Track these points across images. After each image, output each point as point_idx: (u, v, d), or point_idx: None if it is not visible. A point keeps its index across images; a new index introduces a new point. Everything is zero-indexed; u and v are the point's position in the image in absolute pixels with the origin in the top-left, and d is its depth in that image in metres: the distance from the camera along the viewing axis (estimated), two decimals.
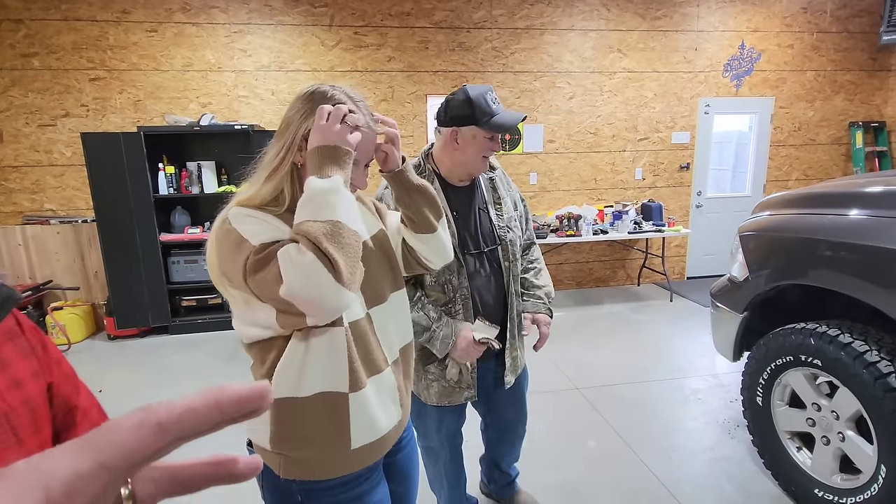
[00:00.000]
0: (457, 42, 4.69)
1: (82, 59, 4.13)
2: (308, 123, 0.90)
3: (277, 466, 0.94)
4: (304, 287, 0.78)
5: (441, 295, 1.46)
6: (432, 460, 1.78)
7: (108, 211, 3.91)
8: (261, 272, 0.80)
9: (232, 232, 0.85)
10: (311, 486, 0.95)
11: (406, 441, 1.15)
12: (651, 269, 5.33)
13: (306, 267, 0.77)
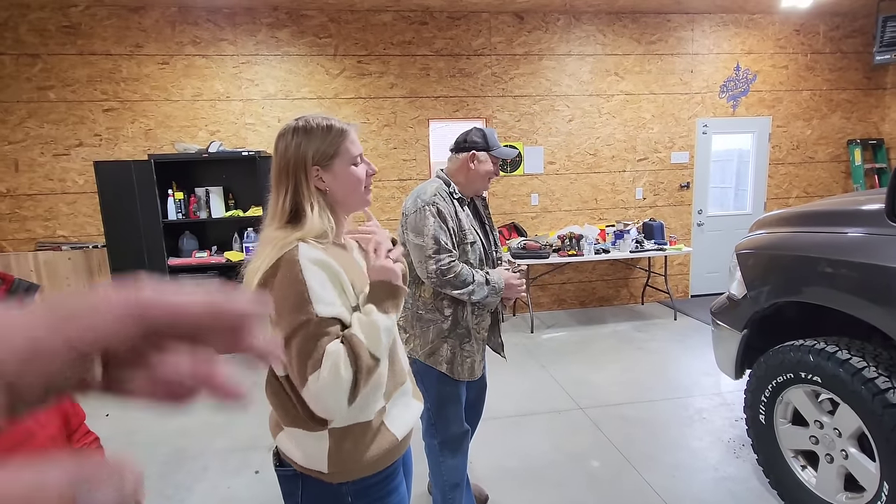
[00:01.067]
0: (457, 68, 4.83)
1: (96, 91, 4.29)
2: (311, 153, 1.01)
3: (329, 476, 1.00)
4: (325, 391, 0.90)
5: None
6: (450, 452, 1.84)
7: (119, 236, 4.00)
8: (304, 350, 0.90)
9: (299, 280, 0.92)
10: (360, 484, 1.02)
11: None
12: (654, 287, 5.33)
13: (340, 383, 0.90)
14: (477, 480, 2.35)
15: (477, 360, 1.84)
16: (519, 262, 1.82)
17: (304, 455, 1.01)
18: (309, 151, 1.01)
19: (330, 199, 1.04)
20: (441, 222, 1.68)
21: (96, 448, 0.80)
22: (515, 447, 2.66)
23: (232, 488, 2.39)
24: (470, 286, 1.68)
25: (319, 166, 1.02)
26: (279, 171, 1.02)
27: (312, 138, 1.02)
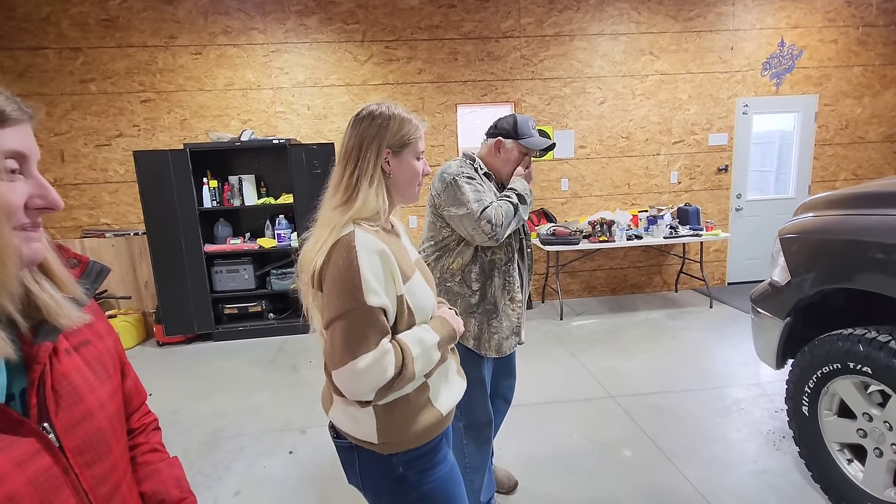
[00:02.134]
0: (485, 52, 4.74)
1: (134, 83, 4.41)
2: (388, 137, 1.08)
3: (382, 447, 1.06)
4: (362, 378, 0.95)
5: (504, 256, 1.80)
6: (473, 435, 1.85)
7: (158, 224, 4.14)
8: (349, 334, 0.95)
9: (353, 266, 0.96)
10: (409, 455, 1.07)
11: None
12: (689, 274, 5.17)
13: (379, 379, 0.95)
14: (506, 467, 2.35)
15: (504, 336, 1.83)
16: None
17: (355, 427, 1.06)
18: (387, 134, 1.07)
19: (389, 184, 1.10)
20: (476, 185, 1.69)
21: (154, 430, 0.83)
22: (545, 435, 2.65)
23: (267, 468, 2.47)
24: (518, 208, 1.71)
25: (391, 150, 1.08)
26: (353, 146, 1.07)
27: (393, 123, 1.08)
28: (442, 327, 1.11)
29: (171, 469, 0.80)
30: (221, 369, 3.77)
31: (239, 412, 3.07)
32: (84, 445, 0.59)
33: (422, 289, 1.10)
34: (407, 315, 1.05)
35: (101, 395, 0.63)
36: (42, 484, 0.52)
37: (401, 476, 1.07)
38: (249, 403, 3.17)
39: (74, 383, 0.60)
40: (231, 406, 3.15)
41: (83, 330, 0.63)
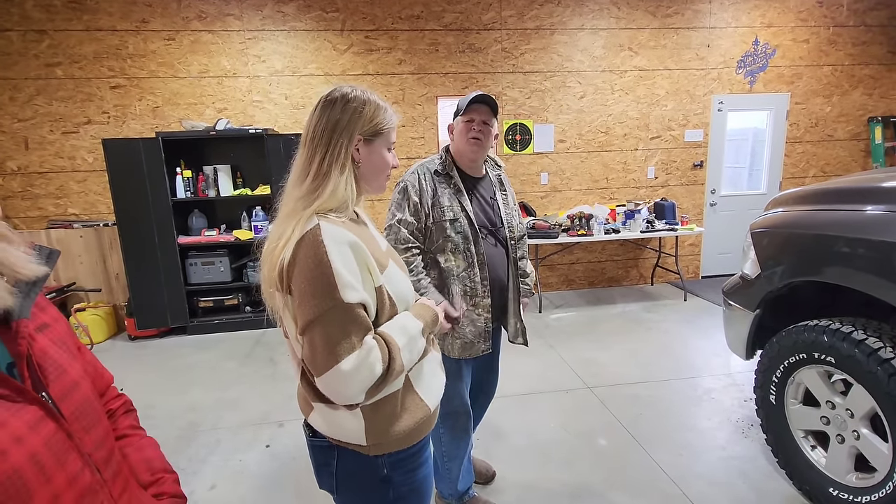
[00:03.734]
0: (466, 44, 4.72)
1: (103, 68, 4.26)
2: (361, 123, 1.02)
3: (367, 448, 1.02)
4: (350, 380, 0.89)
5: (462, 262, 1.76)
6: (450, 425, 1.86)
7: (129, 214, 4.02)
8: (331, 336, 0.89)
9: (324, 262, 0.89)
10: (396, 456, 1.04)
11: None
12: (664, 268, 5.28)
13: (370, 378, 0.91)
14: (485, 457, 2.38)
15: (469, 340, 1.78)
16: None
17: (341, 430, 1.01)
18: (360, 121, 1.01)
19: (357, 173, 1.04)
20: (408, 200, 1.71)
21: (124, 413, 0.83)
22: (523, 425, 2.68)
23: (244, 461, 2.44)
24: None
25: (363, 138, 1.03)
26: (324, 130, 1.00)
27: (368, 109, 1.02)
28: (424, 312, 1.08)
29: (140, 452, 0.80)
30: (197, 363, 3.70)
31: (215, 406, 3.02)
32: (79, 412, 0.62)
33: (398, 276, 1.07)
34: (389, 306, 1.00)
35: (77, 370, 0.66)
36: (54, 446, 0.56)
37: (385, 477, 1.03)
38: (226, 397, 3.12)
39: (54, 357, 0.63)
40: (207, 400, 3.10)
41: (39, 315, 0.64)
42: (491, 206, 1.85)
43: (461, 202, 1.75)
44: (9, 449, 0.51)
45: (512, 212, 1.91)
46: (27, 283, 0.57)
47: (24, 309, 0.58)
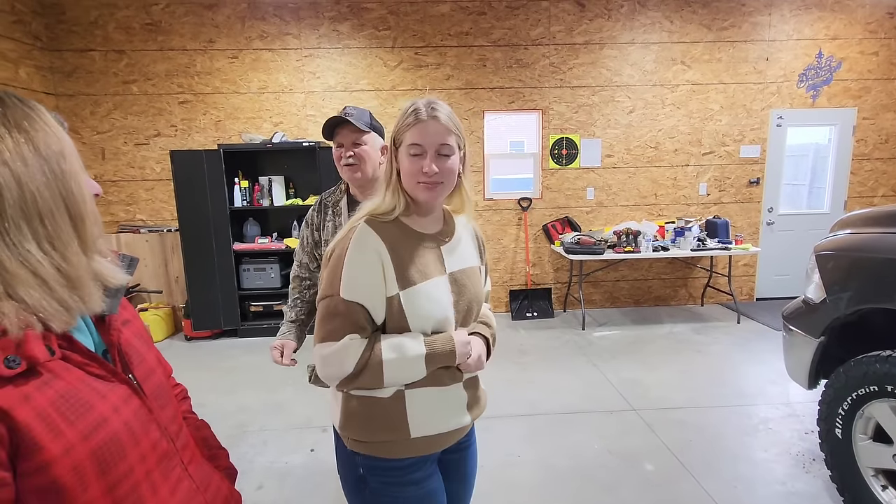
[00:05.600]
0: (514, 59, 4.76)
1: (173, 85, 4.57)
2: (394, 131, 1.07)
3: (346, 439, 1.10)
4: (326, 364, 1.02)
5: None
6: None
7: (190, 221, 4.27)
8: (323, 318, 1.03)
9: (341, 259, 1.02)
10: (371, 462, 1.08)
11: (468, 442, 1.24)
12: (716, 288, 5.07)
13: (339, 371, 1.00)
14: (524, 477, 2.34)
15: None
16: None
17: (333, 408, 1.14)
18: (395, 128, 1.07)
19: (401, 181, 1.07)
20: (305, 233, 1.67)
21: (182, 399, 0.94)
22: (564, 445, 2.63)
23: (289, 464, 2.52)
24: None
25: (395, 145, 1.08)
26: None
27: (400, 115, 1.07)
28: (441, 343, 1.03)
29: (198, 431, 0.91)
30: (246, 365, 3.85)
31: (263, 408, 3.13)
32: (156, 392, 0.73)
33: (429, 298, 1.04)
34: (398, 318, 1.02)
35: (152, 358, 0.77)
36: (139, 418, 0.66)
37: (361, 476, 1.10)
38: (273, 399, 3.23)
39: (136, 347, 0.74)
40: (255, 401, 3.22)
41: (123, 312, 0.74)
42: None
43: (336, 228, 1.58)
44: (110, 417, 0.62)
45: None
46: (115, 288, 0.68)
47: (114, 307, 0.69)
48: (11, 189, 0.56)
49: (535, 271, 5.10)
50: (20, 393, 0.54)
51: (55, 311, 0.58)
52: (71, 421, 0.57)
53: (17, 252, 0.56)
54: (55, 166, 0.61)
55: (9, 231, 0.56)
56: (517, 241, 5.05)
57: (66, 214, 0.62)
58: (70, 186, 0.62)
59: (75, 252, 0.62)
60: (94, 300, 0.63)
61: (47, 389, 0.56)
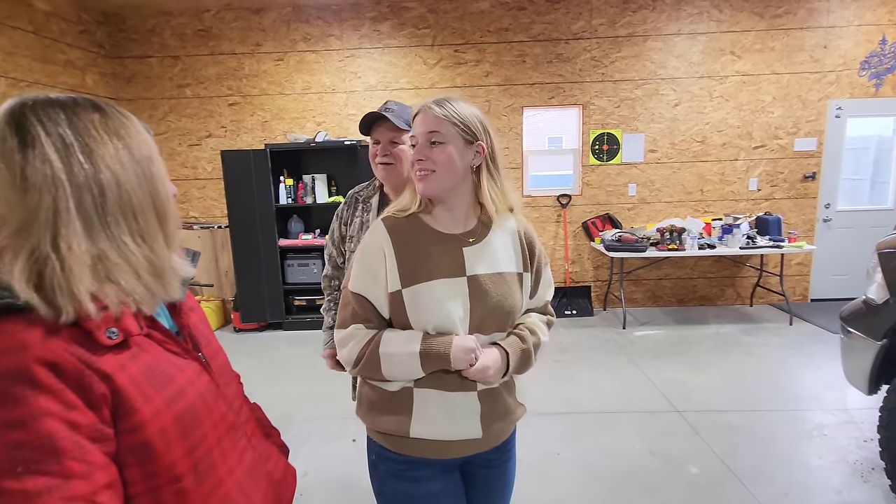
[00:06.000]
0: (554, 54, 4.70)
1: (223, 88, 4.78)
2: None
3: (361, 419, 1.17)
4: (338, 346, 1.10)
5: None
6: None
7: (239, 218, 4.46)
8: (340, 305, 1.11)
9: (361, 243, 1.11)
10: (380, 450, 1.12)
11: (495, 462, 1.17)
12: (766, 288, 4.85)
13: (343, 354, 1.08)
14: (560, 476, 2.34)
15: None
16: None
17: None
18: None
19: None
20: (335, 226, 1.67)
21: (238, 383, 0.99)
22: (604, 445, 2.60)
23: (332, 453, 2.61)
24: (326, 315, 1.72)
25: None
26: None
27: None
28: (438, 345, 1.00)
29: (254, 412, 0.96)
30: (292, 356, 4.01)
31: (306, 398, 3.25)
32: (221, 371, 0.80)
33: (430, 297, 1.02)
34: (400, 314, 1.03)
35: (215, 342, 0.84)
36: (211, 392, 0.73)
37: (373, 462, 1.15)
38: (316, 391, 3.35)
39: (202, 330, 0.81)
40: (299, 392, 3.35)
41: (188, 300, 0.82)
42: None
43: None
44: (187, 388, 0.69)
45: None
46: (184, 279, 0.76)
47: (183, 294, 0.77)
48: (112, 189, 0.63)
49: (575, 269, 5.04)
50: (118, 361, 0.61)
51: (144, 295, 0.65)
52: (157, 389, 0.64)
53: (116, 244, 0.63)
54: (146, 169, 0.68)
55: (110, 225, 0.63)
56: (556, 239, 5.00)
57: (154, 212, 0.68)
58: (157, 187, 0.69)
59: (161, 245, 0.69)
60: (174, 288, 0.70)
61: (137, 361, 0.64)
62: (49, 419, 0.54)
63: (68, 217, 0.60)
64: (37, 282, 0.57)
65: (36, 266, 0.58)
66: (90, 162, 0.62)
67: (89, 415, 0.58)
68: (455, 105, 1.04)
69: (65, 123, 0.62)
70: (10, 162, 0.59)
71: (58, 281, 0.58)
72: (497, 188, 1.09)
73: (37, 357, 0.55)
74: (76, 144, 0.62)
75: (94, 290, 0.60)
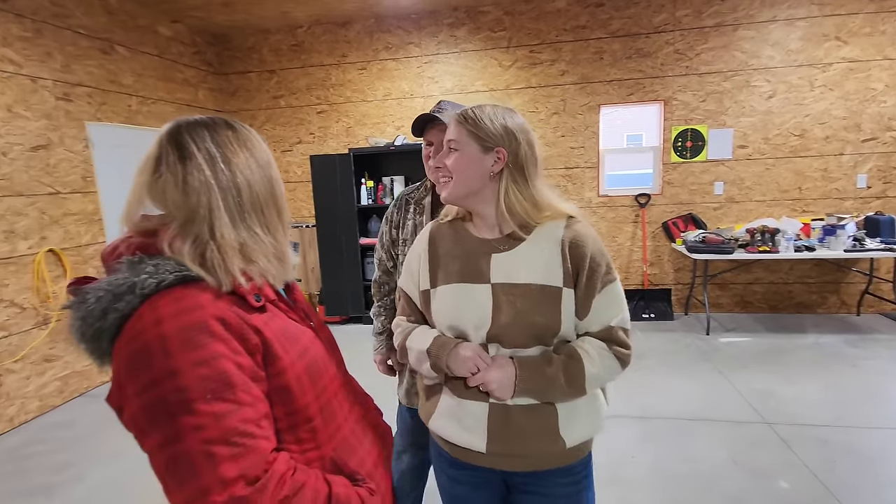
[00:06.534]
0: (634, 49, 4.57)
1: (312, 97, 5.17)
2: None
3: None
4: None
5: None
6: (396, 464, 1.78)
7: (325, 218, 4.81)
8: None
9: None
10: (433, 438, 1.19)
11: (531, 487, 1.08)
12: (877, 296, 4.38)
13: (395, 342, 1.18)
14: (636, 479, 2.31)
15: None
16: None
17: None
18: None
19: None
20: (384, 229, 1.61)
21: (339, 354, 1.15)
22: (686, 452, 2.52)
23: None
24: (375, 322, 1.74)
25: None
26: None
27: None
28: (440, 347, 1.03)
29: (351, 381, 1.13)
30: (369, 350, 4.24)
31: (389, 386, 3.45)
32: (328, 340, 0.91)
33: (444, 301, 1.06)
34: (427, 313, 1.12)
35: (318, 317, 0.97)
36: (323, 354, 0.85)
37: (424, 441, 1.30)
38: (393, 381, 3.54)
39: (308, 305, 0.95)
40: (382, 380, 3.55)
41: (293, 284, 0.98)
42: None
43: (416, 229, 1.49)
44: (309, 347, 0.81)
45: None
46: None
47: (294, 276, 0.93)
48: (246, 190, 0.79)
49: (653, 271, 4.86)
50: (263, 319, 0.75)
51: (274, 273, 0.80)
52: (290, 344, 0.77)
53: (251, 233, 0.78)
54: (267, 172, 0.83)
55: (246, 219, 0.78)
56: (633, 239, 4.86)
57: (274, 208, 0.83)
58: (276, 187, 0.84)
59: (281, 235, 0.84)
60: (290, 271, 0.86)
61: (273, 322, 0.77)
62: (223, 360, 0.67)
63: (219, 213, 0.75)
64: (200, 261, 0.73)
65: (199, 249, 0.73)
66: (229, 169, 0.77)
67: (248, 359, 0.70)
68: (477, 112, 1.03)
69: (209, 139, 0.77)
70: (174, 172, 0.75)
71: (217, 261, 0.73)
72: (520, 194, 1.02)
73: (211, 313, 0.69)
74: (218, 156, 0.77)
75: (243, 267, 0.75)
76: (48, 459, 2.75)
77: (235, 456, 0.64)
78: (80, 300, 0.70)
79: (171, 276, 0.70)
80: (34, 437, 3.02)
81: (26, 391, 3.21)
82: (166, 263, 0.71)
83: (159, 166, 0.76)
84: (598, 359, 1.00)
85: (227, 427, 0.64)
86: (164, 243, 0.73)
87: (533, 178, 1.04)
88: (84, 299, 0.70)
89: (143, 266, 0.71)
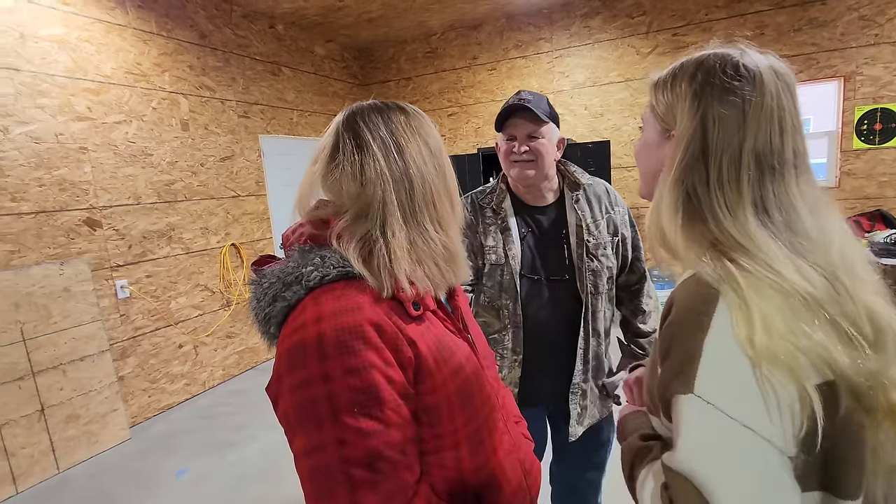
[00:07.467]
0: (805, 19, 3.94)
1: (444, 100, 5.39)
2: None
3: None
4: None
5: (495, 320, 1.36)
6: None
7: None
8: None
9: None
10: None
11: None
12: None
13: None
14: None
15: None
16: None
17: None
18: None
19: None
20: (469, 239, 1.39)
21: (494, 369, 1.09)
22: None
23: None
24: None
25: None
26: None
27: None
28: None
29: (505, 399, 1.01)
30: None
31: None
32: (484, 353, 0.83)
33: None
34: None
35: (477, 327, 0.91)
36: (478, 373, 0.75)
37: None
38: None
39: (468, 314, 0.87)
40: None
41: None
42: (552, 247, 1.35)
43: (505, 243, 1.33)
44: (464, 364, 0.72)
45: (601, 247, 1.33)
46: None
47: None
48: (418, 181, 0.71)
49: None
50: (418, 330, 0.68)
51: (439, 279, 0.72)
52: (444, 360, 0.69)
53: (420, 230, 0.71)
54: (439, 160, 0.75)
55: (416, 214, 0.71)
56: None
57: (447, 200, 0.75)
58: (447, 177, 0.76)
59: (455, 231, 0.76)
60: (463, 272, 0.77)
61: (429, 334, 0.69)
62: (374, 371, 0.61)
63: (392, 207, 0.68)
64: (365, 259, 0.67)
65: (367, 247, 0.68)
66: (402, 159, 0.70)
67: (399, 374, 0.64)
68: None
69: (382, 126, 0.71)
70: (351, 161, 0.69)
71: (383, 260, 0.66)
72: None
73: (367, 318, 0.63)
74: (392, 145, 0.70)
75: (408, 271, 0.67)
76: (229, 420, 3.29)
77: (375, 483, 0.60)
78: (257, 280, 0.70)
79: (335, 272, 0.66)
80: (219, 400, 3.63)
81: (214, 361, 3.88)
82: (332, 257, 0.67)
83: (336, 154, 0.71)
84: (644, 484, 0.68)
85: (371, 448, 0.60)
86: (333, 236, 0.69)
87: None
88: (260, 282, 0.69)
89: (311, 256, 0.68)
